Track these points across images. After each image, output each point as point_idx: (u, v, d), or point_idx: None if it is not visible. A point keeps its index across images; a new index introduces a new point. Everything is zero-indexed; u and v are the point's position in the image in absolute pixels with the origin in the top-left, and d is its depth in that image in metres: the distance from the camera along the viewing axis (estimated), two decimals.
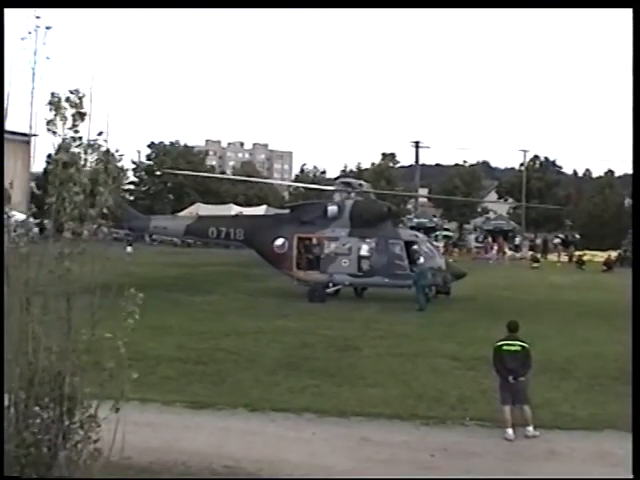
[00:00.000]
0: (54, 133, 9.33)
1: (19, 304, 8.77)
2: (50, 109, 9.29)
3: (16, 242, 9.10)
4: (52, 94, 9.33)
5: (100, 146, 9.41)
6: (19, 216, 9.74)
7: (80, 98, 9.34)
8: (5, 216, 9.35)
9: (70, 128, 9.31)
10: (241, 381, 22.17)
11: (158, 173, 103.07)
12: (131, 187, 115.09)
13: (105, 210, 9.25)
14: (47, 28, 9.19)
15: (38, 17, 9.12)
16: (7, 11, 10.13)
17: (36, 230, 9.43)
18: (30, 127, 9.55)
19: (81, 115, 9.34)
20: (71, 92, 9.36)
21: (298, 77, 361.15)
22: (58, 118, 9.27)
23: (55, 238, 9.05)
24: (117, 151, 9.76)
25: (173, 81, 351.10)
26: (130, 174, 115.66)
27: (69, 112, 9.33)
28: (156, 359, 23.19)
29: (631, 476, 11.21)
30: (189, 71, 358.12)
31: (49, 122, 9.29)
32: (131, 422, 9.25)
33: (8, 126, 9.63)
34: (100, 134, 9.44)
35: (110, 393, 9.01)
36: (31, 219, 9.82)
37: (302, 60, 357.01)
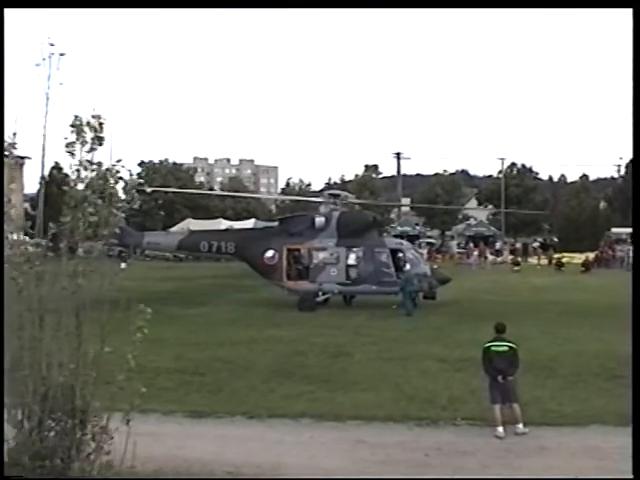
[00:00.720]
0: (72, 155, 9.32)
1: (32, 321, 8.79)
2: (72, 132, 9.28)
3: (30, 261, 9.11)
4: (75, 117, 9.33)
5: (118, 172, 9.43)
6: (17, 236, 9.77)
7: (101, 124, 9.35)
8: (11, 236, 9.36)
9: (88, 151, 9.31)
10: (238, 389, 22.17)
11: (149, 191, 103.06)
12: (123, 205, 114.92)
13: (117, 230, 9.28)
14: (61, 55, 9.22)
15: (52, 44, 9.15)
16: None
17: (37, 249, 9.38)
18: (43, 149, 9.56)
19: (99, 139, 9.34)
20: (93, 117, 9.36)
21: (281, 94, 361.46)
22: (79, 141, 9.27)
23: (68, 256, 9.05)
24: (132, 175, 9.73)
25: (159, 101, 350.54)
26: (120, 192, 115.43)
27: (89, 136, 9.34)
28: (154, 371, 23.13)
29: (631, 476, 11.23)
30: (175, 91, 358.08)
31: (69, 144, 9.28)
32: (133, 432, 9.26)
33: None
34: (119, 161, 9.45)
35: (120, 405, 9.02)
36: (26, 238, 9.78)
37: (284, 76, 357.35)
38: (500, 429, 17.57)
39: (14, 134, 9.38)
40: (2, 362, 8.81)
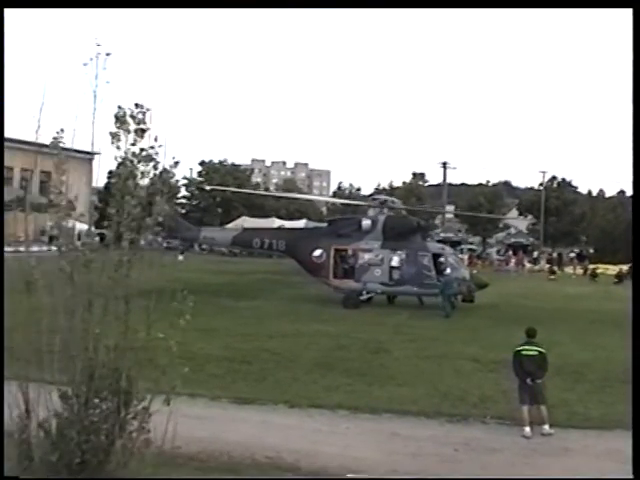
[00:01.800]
0: (118, 147, 9.31)
1: (82, 305, 8.83)
2: (115, 123, 9.27)
3: (81, 250, 9.14)
4: (119, 107, 9.30)
5: (156, 159, 9.38)
6: (82, 226, 9.80)
7: (144, 113, 9.32)
8: (70, 225, 9.40)
9: (132, 144, 9.29)
10: (281, 379, 22.18)
11: (208, 189, 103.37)
12: (183, 201, 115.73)
13: (160, 219, 9.26)
14: (107, 54, 9.22)
15: (99, 45, 9.16)
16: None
17: (97, 239, 9.46)
18: (92, 146, 9.56)
19: (143, 131, 9.30)
20: (136, 106, 9.34)
21: (338, 102, 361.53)
22: (122, 132, 9.25)
23: (115, 246, 9.08)
24: (175, 164, 9.71)
25: (222, 104, 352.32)
26: (182, 189, 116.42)
27: (132, 127, 9.30)
28: (204, 358, 23.24)
29: (631, 476, 11.12)
30: (238, 95, 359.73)
31: (114, 136, 9.27)
32: (181, 415, 9.28)
33: (74, 145, 9.65)
34: (158, 146, 9.38)
35: (163, 388, 9.04)
36: (93, 229, 9.84)
37: (341, 87, 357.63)
38: (527, 429, 17.48)
39: (61, 130, 9.37)
40: (2, 362, 8.90)
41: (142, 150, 9.31)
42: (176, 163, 9.71)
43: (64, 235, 9.21)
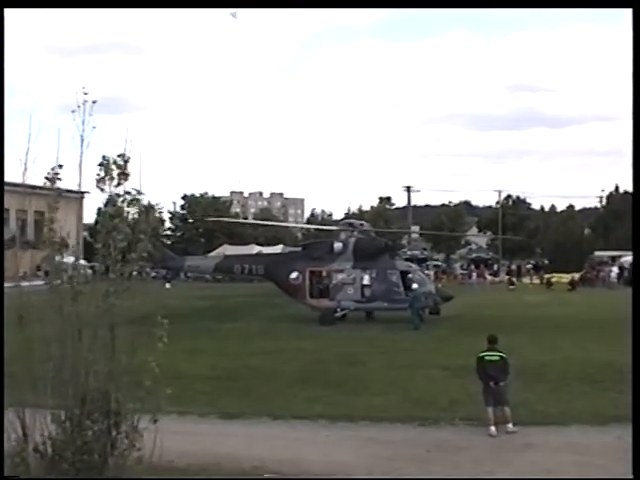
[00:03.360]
0: (102, 190, 9.41)
1: (72, 334, 8.84)
2: (100, 169, 9.37)
3: (70, 282, 9.18)
4: (103, 157, 9.44)
5: (140, 200, 9.49)
6: (72, 260, 9.82)
7: (125, 161, 9.43)
8: (60, 260, 9.42)
9: (116, 186, 9.39)
10: (265, 394, 22.13)
11: (191, 220, 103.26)
12: (168, 233, 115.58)
13: (145, 254, 9.32)
14: (93, 102, 9.28)
15: (86, 93, 9.22)
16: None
17: (89, 271, 9.51)
18: (79, 185, 9.61)
19: (125, 175, 9.42)
20: (118, 156, 9.46)
21: (309, 134, 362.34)
22: (107, 178, 9.36)
23: (102, 278, 9.12)
24: (156, 205, 9.91)
25: (201, 140, 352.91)
26: (167, 222, 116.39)
27: (115, 172, 9.41)
28: (192, 377, 23.14)
29: (631, 476, 11.16)
30: (216, 133, 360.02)
31: (99, 180, 9.38)
32: (172, 431, 9.29)
33: (64, 185, 9.68)
34: (140, 193, 9.52)
35: (150, 407, 9.04)
36: (83, 262, 9.88)
37: (307, 120, 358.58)
38: (493, 428, 17.55)
39: (59, 166, 9.46)
40: (2, 364, 8.87)
41: (127, 193, 9.44)
42: (153, 206, 9.87)
43: (54, 270, 9.24)
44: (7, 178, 10.31)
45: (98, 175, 9.48)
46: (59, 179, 9.47)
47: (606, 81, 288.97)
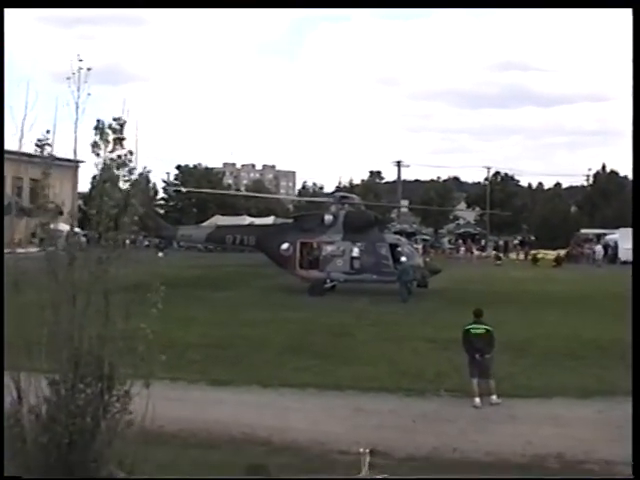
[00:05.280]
0: (97, 155, 9.32)
1: (66, 300, 8.84)
2: (95, 134, 9.28)
3: (65, 249, 9.16)
4: (97, 121, 9.32)
5: (130, 162, 9.40)
6: (67, 228, 9.78)
7: (121, 125, 9.34)
8: (55, 227, 9.39)
9: (111, 151, 9.30)
10: (254, 362, 22.20)
11: (184, 191, 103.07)
12: (162, 203, 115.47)
13: (136, 219, 9.27)
14: (88, 69, 9.18)
15: (81, 60, 9.12)
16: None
17: (83, 239, 9.49)
18: (74, 154, 9.53)
19: (120, 140, 9.33)
20: (113, 119, 9.36)
21: (302, 108, 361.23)
22: (101, 142, 9.26)
23: (95, 245, 9.09)
24: (145, 168, 9.76)
25: (197, 111, 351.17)
26: (161, 192, 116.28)
27: (111, 137, 9.32)
28: (184, 345, 23.17)
29: (632, 476, 11.23)
30: (212, 103, 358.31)
31: (94, 145, 9.29)
32: (163, 397, 9.29)
33: (59, 154, 9.61)
34: (130, 153, 9.41)
35: (142, 373, 9.05)
36: (78, 230, 9.83)
37: (303, 91, 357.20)
38: (477, 400, 17.69)
39: (47, 132, 9.39)
40: (2, 362, 8.90)
41: (119, 157, 9.32)
42: (148, 171, 9.78)
43: (49, 237, 9.21)
44: (5, 146, 10.23)
45: (93, 141, 9.38)
46: (49, 145, 9.40)
47: (597, 62, 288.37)
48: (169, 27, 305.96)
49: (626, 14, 14.15)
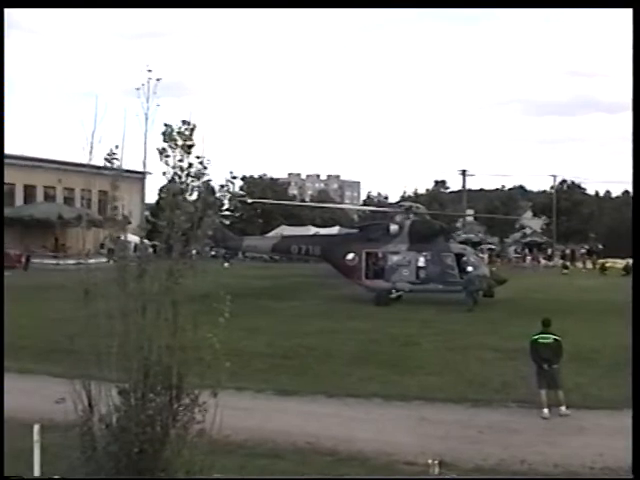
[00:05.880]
0: (166, 163, 9.24)
1: (136, 310, 8.91)
2: (164, 139, 9.20)
3: (134, 260, 9.22)
4: (165, 125, 9.22)
5: (203, 174, 9.34)
6: (135, 239, 9.88)
7: (191, 130, 9.24)
8: (124, 238, 9.48)
9: (180, 159, 9.23)
10: (320, 372, 22.26)
11: (249, 201, 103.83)
12: (227, 213, 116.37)
13: (210, 232, 9.28)
14: (157, 80, 9.19)
15: (150, 70, 9.15)
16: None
17: (150, 250, 9.55)
18: (144, 165, 9.58)
19: (190, 147, 9.21)
20: (183, 122, 9.25)
21: (367, 117, 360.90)
22: (169, 149, 9.18)
23: (166, 256, 9.11)
24: (233, 178, 9.68)
25: (259, 125, 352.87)
26: (226, 203, 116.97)
27: (179, 143, 9.21)
28: (250, 355, 23.32)
29: (631, 476, 11.04)
30: (279, 115, 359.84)
31: (161, 152, 9.19)
32: (229, 407, 9.32)
33: (126, 165, 9.67)
34: (204, 162, 9.28)
35: (210, 382, 9.11)
36: (146, 241, 9.90)
37: (370, 103, 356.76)
38: (545, 411, 17.49)
39: (115, 147, 9.40)
40: (2, 362, 9.00)
41: (190, 165, 9.25)
42: (234, 177, 9.71)
43: (119, 247, 9.30)
44: (74, 159, 10.36)
45: (160, 147, 9.25)
46: (117, 159, 9.44)
47: None
48: (231, 38, 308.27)
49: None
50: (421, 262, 43.24)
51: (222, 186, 10.15)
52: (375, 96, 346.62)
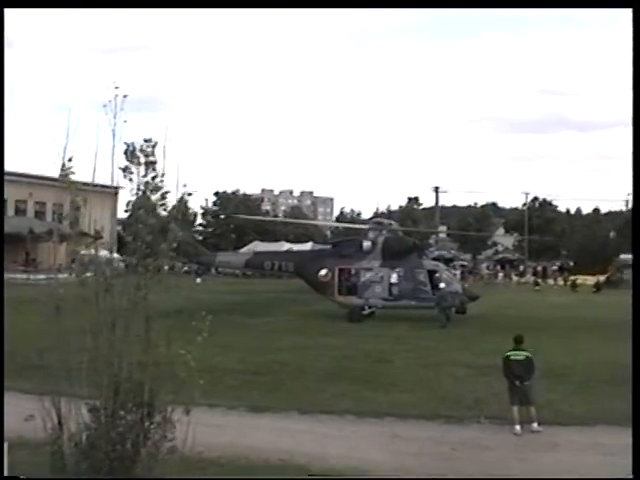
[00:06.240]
0: (130, 180, 9.27)
1: (106, 326, 8.83)
2: (126, 158, 9.21)
3: (102, 275, 9.15)
4: (126, 144, 9.24)
5: (161, 187, 9.32)
6: (106, 254, 9.80)
7: (153, 147, 9.25)
8: (94, 253, 9.40)
9: (143, 176, 9.23)
10: (293, 388, 22.13)
11: (223, 217, 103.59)
12: (200, 229, 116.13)
13: (174, 245, 9.23)
14: (124, 96, 9.17)
15: (117, 87, 9.12)
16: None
17: (122, 265, 9.48)
18: (112, 180, 9.54)
19: (152, 163, 9.22)
20: (144, 140, 9.27)
21: (340, 132, 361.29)
22: (133, 166, 9.20)
23: (134, 271, 9.06)
24: (189, 194, 9.63)
25: (233, 138, 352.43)
26: (199, 218, 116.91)
27: (142, 159, 9.22)
28: (222, 371, 23.16)
29: (631, 476, 11.04)
30: (251, 131, 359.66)
31: (125, 169, 9.21)
32: (201, 423, 9.26)
33: (98, 180, 9.63)
34: (163, 177, 9.29)
35: (182, 399, 9.02)
36: (117, 256, 9.83)
37: (338, 118, 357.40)
38: (518, 427, 17.47)
39: (69, 160, 9.34)
40: (2, 365, 8.90)
41: (153, 179, 9.25)
42: (189, 194, 9.67)
43: (88, 263, 9.22)
44: (46, 173, 10.30)
45: (123, 166, 9.26)
46: (72, 173, 9.38)
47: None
48: (206, 53, 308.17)
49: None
50: (394, 278, 43.25)
51: (180, 200, 10.07)
52: (349, 113, 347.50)
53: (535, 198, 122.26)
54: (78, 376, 8.76)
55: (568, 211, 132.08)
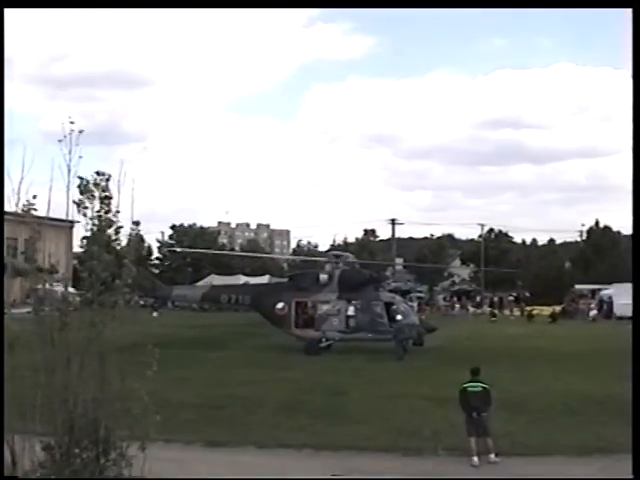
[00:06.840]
0: (84, 215, 9.23)
1: (60, 362, 8.75)
2: (80, 192, 9.18)
3: (57, 310, 9.09)
4: (80, 178, 9.21)
5: (114, 222, 9.29)
6: (61, 289, 9.74)
7: (106, 180, 9.23)
8: (48, 288, 9.34)
9: (98, 211, 9.20)
10: (250, 422, 22.01)
11: (179, 250, 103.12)
12: (156, 262, 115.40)
13: (129, 281, 9.18)
14: (80, 131, 9.17)
15: (72, 122, 9.11)
16: None
17: (78, 300, 9.41)
18: (67, 214, 9.51)
19: (107, 198, 9.20)
20: (97, 173, 9.23)
21: (293, 168, 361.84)
22: (87, 201, 9.16)
23: (90, 307, 9.01)
24: (136, 224, 9.59)
25: (189, 171, 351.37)
26: (155, 251, 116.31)
27: (97, 194, 9.20)
28: (178, 405, 22.98)
29: (631, 476, 11.09)
30: (202, 163, 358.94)
31: (79, 204, 9.17)
32: (158, 459, 9.19)
33: (53, 214, 9.59)
34: (111, 211, 9.27)
35: (138, 435, 8.95)
36: (72, 290, 9.76)
37: (293, 152, 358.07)
38: (475, 459, 17.52)
39: (34, 197, 9.32)
40: (2, 371, 8.80)
41: (107, 212, 9.22)
42: (136, 223, 9.64)
43: (40, 298, 9.16)
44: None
45: (77, 199, 9.22)
46: (35, 209, 9.35)
47: (588, 118, 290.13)
48: (163, 88, 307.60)
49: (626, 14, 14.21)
50: (351, 311, 43.23)
51: (134, 235, 10.01)
52: (303, 145, 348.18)
53: (491, 229, 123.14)
54: (32, 413, 8.66)
55: (524, 242, 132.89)
